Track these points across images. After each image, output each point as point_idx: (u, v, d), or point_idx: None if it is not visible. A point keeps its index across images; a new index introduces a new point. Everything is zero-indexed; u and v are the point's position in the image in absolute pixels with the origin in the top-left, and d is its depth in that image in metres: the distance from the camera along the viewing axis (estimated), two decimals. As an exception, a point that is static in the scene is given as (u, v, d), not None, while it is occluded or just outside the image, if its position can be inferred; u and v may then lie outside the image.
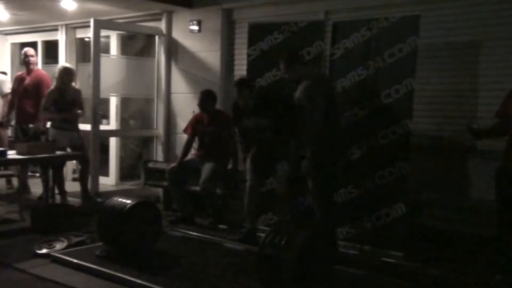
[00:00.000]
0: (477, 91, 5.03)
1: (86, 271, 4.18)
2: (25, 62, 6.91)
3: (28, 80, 6.82)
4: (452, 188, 5.05)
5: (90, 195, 6.51)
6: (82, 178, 6.54)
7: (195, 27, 6.86)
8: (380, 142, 4.75)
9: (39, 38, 8.84)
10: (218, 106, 6.03)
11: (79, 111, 6.47)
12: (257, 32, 5.48)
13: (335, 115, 4.59)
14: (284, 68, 4.73)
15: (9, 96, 7.00)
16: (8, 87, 7.07)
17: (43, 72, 7.13)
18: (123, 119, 8.04)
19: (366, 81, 4.87)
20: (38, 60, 7.75)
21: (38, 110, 6.63)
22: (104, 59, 6.80)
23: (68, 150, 6.29)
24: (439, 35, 5.16)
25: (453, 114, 5.14)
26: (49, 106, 6.33)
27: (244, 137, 5.17)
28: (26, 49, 7.03)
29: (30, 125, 6.66)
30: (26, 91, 6.81)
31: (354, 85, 4.94)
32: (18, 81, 6.97)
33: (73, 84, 6.45)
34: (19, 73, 7.16)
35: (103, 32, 7.03)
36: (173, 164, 5.98)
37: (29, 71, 6.88)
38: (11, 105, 7.00)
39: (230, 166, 5.82)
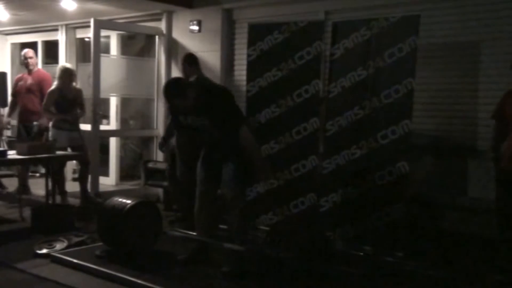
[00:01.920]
0: (477, 91, 5.03)
1: (86, 271, 4.18)
2: (25, 64, 7.01)
3: (30, 80, 6.90)
4: (452, 188, 5.05)
5: (90, 195, 6.52)
6: (82, 178, 6.54)
7: (195, 27, 6.85)
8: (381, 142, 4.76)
9: (39, 38, 8.84)
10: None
11: (80, 111, 6.49)
12: (257, 32, 5.47)
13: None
14: (182, 68, 5.34)
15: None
16: None
17: (44, 71, 7.19)
18: (123, 119, 8.04)
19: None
20: (38, 60, 7.76)
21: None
22: (104, 59, 6.80)
23: (69, 150, 6.30)
24: (439, 35, 5.16)
25: (453, 114, 5.14)
26: (49, 106, 6.34)
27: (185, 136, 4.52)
28: (25, 50, 7.08)
29: (35, 122, 6.69)
30: (29, 90, 6.88)
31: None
32: (17, 82, 7.03)
33: (74, 84, 6.47)
34: (19, 75, 7.23)
35: (103, 32, 7.03)
36: (173, 164, 5.98)
37: (30, 72, 6.96)
38: (13, 106, 7.06)
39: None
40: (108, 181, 7.76)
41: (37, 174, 7.97)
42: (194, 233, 5.21)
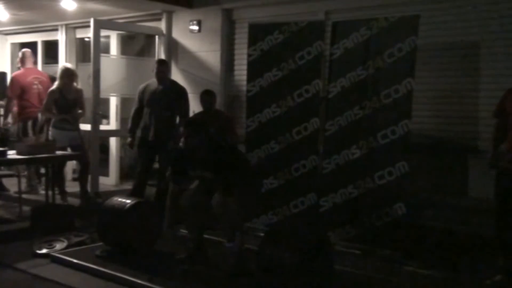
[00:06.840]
0: (477, 91, 5.03)
1: (86, 271, 4.19)
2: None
3: None
4: (452, 188, 5.05)
5: (90, 195, 6.52)
6: (82, 178, 6.54)
7: (195, 27, 6.86)
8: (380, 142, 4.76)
9: (39, 38, 8.85)
10: (217, 106, 6.04)
11: (80, 111, 6.49)
12: (257, 32, 5.48)
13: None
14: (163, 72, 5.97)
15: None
16: None
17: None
18: (123, 119, 8.03)
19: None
20: (38, 60, 7.76)
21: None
22: (104, 59, 6.80)
23: (69, 150, 6.30)
24: (439, 35, 5.16)
25: (453, 114, 5.15)
26: (50, 106, 6.35)
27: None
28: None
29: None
30: None
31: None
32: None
33: (74, 84, 6.48)
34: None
35: (103, 32, 7.03)
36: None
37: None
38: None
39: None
40: (108, 181, 7.76)
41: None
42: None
